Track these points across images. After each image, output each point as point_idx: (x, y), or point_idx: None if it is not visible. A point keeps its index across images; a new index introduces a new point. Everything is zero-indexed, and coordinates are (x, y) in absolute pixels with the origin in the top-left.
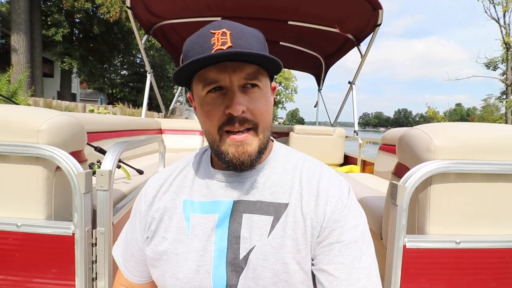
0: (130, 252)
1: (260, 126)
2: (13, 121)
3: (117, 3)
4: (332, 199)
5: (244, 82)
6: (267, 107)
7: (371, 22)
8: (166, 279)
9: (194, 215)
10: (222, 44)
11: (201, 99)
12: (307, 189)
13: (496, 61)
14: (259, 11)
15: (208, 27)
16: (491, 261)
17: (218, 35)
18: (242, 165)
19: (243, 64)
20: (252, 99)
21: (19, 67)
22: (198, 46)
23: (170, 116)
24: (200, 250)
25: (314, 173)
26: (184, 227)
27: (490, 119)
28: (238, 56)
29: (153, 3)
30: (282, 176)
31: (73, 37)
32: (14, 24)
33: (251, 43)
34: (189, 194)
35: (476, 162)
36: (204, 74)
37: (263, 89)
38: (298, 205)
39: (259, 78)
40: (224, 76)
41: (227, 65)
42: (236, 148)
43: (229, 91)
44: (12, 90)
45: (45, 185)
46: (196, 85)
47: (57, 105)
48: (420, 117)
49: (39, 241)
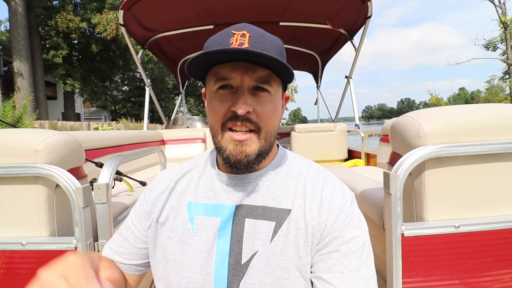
0: (124, 237)
1: (263, 130)
2: (12, 143)
3: (113, 21)
4: (335, 207)
5: (255, 84)
6: (274, 113)
7: (361, 15)
8: (172, 278)
9: (198, 217)
10: (240, 44)
11: (211, 95)
12: (310, 196)
13: (495, 42)
14: (249, 15)
15: (230, 28)
16: (493, 242)
17: (238, 35)
18: (238, 163)
19: (256, 66)
20: (260, 102)
21: (23, 92)
22: (217, 44)
23: (172, 126)
24: (203, 252)
25: (318, 180)
26: (189, 228)
27: (495, 100)
28: (251, 56)
29: (145, 18)
30: (285, 182)
31: (73, 59)
32: (15, 51)
33: (268, 48)
34: (193, 196)
35: (467, 144)
36: (217, 70)
37: (273, 95)
38: (301, 211)
39: (270, 83)
40: (235, 75)
41: (241, 64)
42: (234, 146)
43: (238, 90)
44: (17, 115)
45: (46, 202)
46: (209, 80)
47: (62, 126)
48: (424, 105)
49: (44, 257)
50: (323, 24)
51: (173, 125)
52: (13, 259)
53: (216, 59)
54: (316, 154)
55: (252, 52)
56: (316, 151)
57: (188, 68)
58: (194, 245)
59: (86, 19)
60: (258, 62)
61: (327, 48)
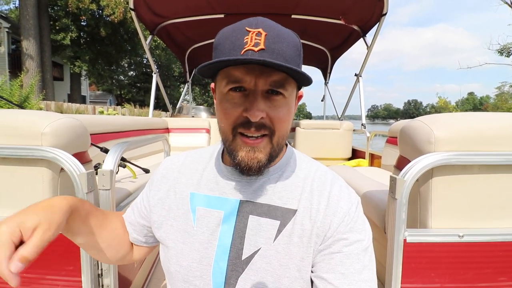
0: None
1: (276, 134)
2: (18, 125)
3: (121, 4)
4: (340, 210)
5: (269, 88)
6: (288, 116)
7: (376, 12)
8: (172, 265)
9: (200, 208)
10: (255, 45)
11: (222, 96)
12: (317, 197)
13: (510, 47)
14: (261, 6)
15: (245, 23)
16: (498, 254)
17: (253, 34)
18: (250, 170)
19: (271, 70)
20: (274, 106)
21: (31, 72)
22: (230, 42)
23: (177, 115)
24: (204, 243)
25: (325, 182)
26: (190, 218)
27: (505, 107)
28: (266, 63)
29: (156, 3)
30: (292, 182)
31: (81, 41)
32: (24, 29)
33: (285, 50)
34: (196, 187)
35: (478, 153)
36: (229, 71)
37: (287, 98)
38: (307, 212)
39: (285, 86)
40: (249, 78)
41: (255, 67)
42: (246, 153)
43: (251, 94)
44: (24, 94)
45: (50, 185)
46: (220, 80)
47: (67, 108)
48: (431, 107)
49: None
50: (336, 19)
51: (178, 114)
52: None
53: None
54: (320, 152)
55: (268, 63)
56: (320, 148)
57: (199, 71)
58: (194, 235)
59: (95, 0)
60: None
61: (338, 44)
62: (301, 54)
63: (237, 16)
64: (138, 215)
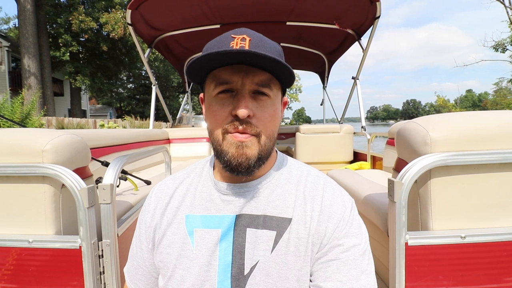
0: (136, 265)
1: (263, 134)
2: (19, 143)
3: (120, 21)
4: (334, 215)
5: (255, 88)
6: (273, 117)
7: (369, 15)
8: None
9: (198, 229)
10: (240, 47)
11: (211, 99)
12: (311, 204)
13: (505, 43)
14: (256, 15)
15: (230, 32)
16: (501, 254)
17: (238, 39)
18: (239, 166)
19: (257, 70)
20: (260, 106)
21: (31, 89)
22: (216, 48)
23: (177, 125)
24: (204, 265)
25: (317, 187)
26: (189, 242)
27: (504, 103)
28: (253, 58)
29: (153, 17)
30: (285, 189)
31: (80, 56)
32: (24, 47)
33: (268, 52)
34: (191, 209)
35: (475, 153)
36: (217, 73)
37: (273, 99)
38: (302, 220)
39: (270, 86)
40: (237, 78)
41: (242, 68)
42: (236, 149)
43: (239, 94)
44: (26, 111)
45: (52, 202)
46: (208, 84)
47: (69, 123)
48: (430, 106)
49: (50, 255)
50: (331, 24)
51: (178, 124)
52: (20, 255)
53: (217, 61)
54: (321, 156)
55: (255, 53)
56: (321, 152)
57: (188, 70)
58: (194, 259)
59: (94, 18)
60: (259, 65)
61: (334, 48)
62: (283, 59)
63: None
64: (144, 265)
